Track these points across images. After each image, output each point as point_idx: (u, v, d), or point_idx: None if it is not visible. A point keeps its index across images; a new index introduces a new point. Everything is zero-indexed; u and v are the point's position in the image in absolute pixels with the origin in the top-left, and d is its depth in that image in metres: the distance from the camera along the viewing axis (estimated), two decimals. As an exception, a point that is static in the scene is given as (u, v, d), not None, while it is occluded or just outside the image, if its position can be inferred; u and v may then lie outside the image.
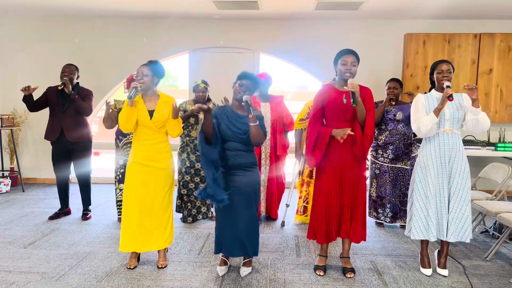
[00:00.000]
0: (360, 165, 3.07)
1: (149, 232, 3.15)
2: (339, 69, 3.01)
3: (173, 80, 18.30)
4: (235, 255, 3.08)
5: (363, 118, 2.98)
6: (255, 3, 5.17)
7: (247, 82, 2.94)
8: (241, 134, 2.94)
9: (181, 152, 4.37)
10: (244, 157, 2.97)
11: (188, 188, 4.35)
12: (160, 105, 3.13)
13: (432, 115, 3.02)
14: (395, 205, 4.19)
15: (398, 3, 5.14)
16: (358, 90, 2.88)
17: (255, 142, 2.94)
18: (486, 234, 4.17)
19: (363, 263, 3.39)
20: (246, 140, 2.94)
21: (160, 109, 3.12)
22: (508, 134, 5.86)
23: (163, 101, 3.16)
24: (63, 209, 4.60)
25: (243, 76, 2.98)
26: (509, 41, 5.56)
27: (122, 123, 3.06)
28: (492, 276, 3.17)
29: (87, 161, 4.51)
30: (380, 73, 5.93)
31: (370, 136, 2.98)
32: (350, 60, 2.96)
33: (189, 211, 4.40)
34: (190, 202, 4.39)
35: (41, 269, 3.18)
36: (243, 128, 2.94)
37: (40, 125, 5.50)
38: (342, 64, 2.98)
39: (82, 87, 4.42)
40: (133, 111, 3.05)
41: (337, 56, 3.04)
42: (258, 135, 2.91)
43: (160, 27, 6.15)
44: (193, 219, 4.42)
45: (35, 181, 6.46)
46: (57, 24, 6.20)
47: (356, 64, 2.99)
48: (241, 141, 2.95)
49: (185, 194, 4.37)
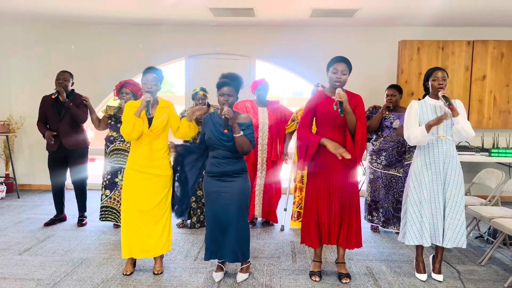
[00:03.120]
0: (351, 171, 3.09)
1: (148, 239, 3.14)
2: (330, 77, 3.04)
3: (169, 87, 18.33)
4: (227, 260, 3.08)
5: (353, 127, 3.01)
6: (250, 10, 5.21)
7: (227, 90, 2.93)
8: (226, 141, 2.93)
9: None
10: (232, 164, 2.97)
11: (197, 196, 4.37)
12: (159, 111, 3.14)
13: (423, 129, 3.04)
14: (387, 210, 4.22)
15: (392, 11, 5.20)
16: (346, 100, 2.91)
17: (240, 151, 2.94)
18: (481, 239, 4.20)
19: (359, 268, 3.41)
20: (232, 147, 2.94)
21: (159, 115, 3.12)
22: (502, 140, 5.92)
23: (161, 106, 3.17)
24: (59, 216, 4.58)
25: (222, 84, 2.95)
26: (502, 48, 5.63)
27: (128, 133, 3.02)
28: (487, 281, 3.19)
29: (83, 168, 4.50)
30: (374, 79, 5.98)
31: (361, 144, 3.00)
32: (340, 68, 2.99)
33: (198, 217, 4.41)
34: (199, 208, 4.41)
35: (36, 275, 3.17)
36: (227, 135, 2.92)
37: (36, 131, 5.47)
38: (332, 72, 3.02)
39: (78, 93, 4.43)
40: (141, 122, 3.03)
41: (329, 64, 3.07)
42: (242, 145, 2.90)
43: (157, 34, 6.18)
44: (201, 224, 4.43)
45: (30, 187, 6.43)
46: (54, 30, 6.21)
47: (346, 73, 3.01)
48: (227, 149, 2.94)
49: (194, 201, 4.38)
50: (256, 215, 4.44)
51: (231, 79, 2.98)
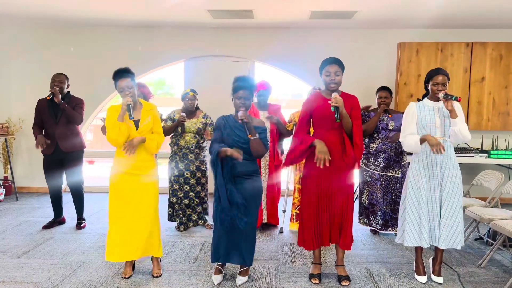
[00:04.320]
0: (347, 173, 3.09)
1: (141, 240, 3.12)
2: (324, 80, 3.04)
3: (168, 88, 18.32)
4: (233, 262, 3.07)
5: (349, 129, 3.01)
6: (250, 13, 5.22)
7: (243, 93, 2.96)
8: (242, 143, 2.96)
9: (171, 161, 4.40)
10: (245, 165, 2.98)
11: (178, 197, 4.36)
12: (144, 114, 3.13)
13: (417, 139, 3.05)
14: (386, 212, 4.22)
15: (391, 13, 5.20)
16: (342, 105, 2.91)
17: (255, 154, 2.98)
18: (480, 241, 4.19)
19: (358, 270, 3.40)
20: (247, 149, 2.96)
21: (144, 117, 3.12)
22: (501, 141, 5.92)
23: (146, 109, 3.16)
24: (57, 218, 4.57)
25: (239, 88, 2.98)
26: (500, 50, 5.63)
27: (113, 139, 2.99)
28: (487, 283, 3.18)
29: (79, 171, 4.49)
30: (373, 81, 5.97)
31: (360, 145, 3.01)
32: (333, 70, 2.99)
33: (180, 219, 4.39)
34: (181, 210, 4.39)
35: (34, 279, 3.15)
36: (243, 137, 2.96)
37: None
38: (326, 75, 3.02)
39: (73, 95, 4.42)
40: (126, 126, 3.01)
41: (321, 66, 3.07)
42: (257, 148, 2.94)
43: (156, 36, 6.18)
44: (184, 227, 4.41)
45: (29, 190, 6.42)
46: (53, 33, 6.21)
47: (340, 73, 3.01)
48: (242, 150, 2.95)
49: (175, 203, 4.38)
50: (264, 220, 4.42)
51: (247, 82, 3.00)
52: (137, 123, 3.09)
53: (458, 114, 3.01)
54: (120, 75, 3.02)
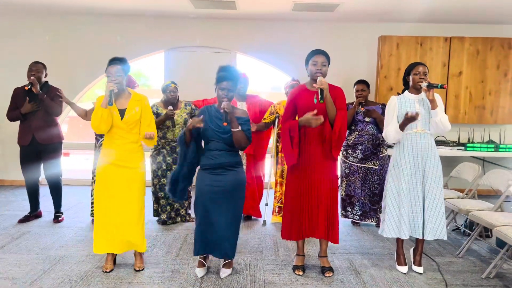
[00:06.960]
0: (331, 164, 3.10)
1: (126, 233, 3.07)
2: (310, 69, 3.05)
3: (145, 80, 18.02)
4: (215, 255, 3.05)
5: (333, 116, 3.01)
6: (232, 3, 5.15)
7: (227, 84, 2.91)
8: (222, 134, 2.93)
9: (156, 155, 4.27)
10: (227, 156, 2.95)
11: (165, 192, 4.28)
12: (131, 104, 3.07)
13: (397, 127, 3.09)
14: (364, 203, 4.29)
15: (373, 6, 5.23)
16: (327, 87, 2.93)
17: (238, 146, 2.95)
18: (457, 232, 4.30)
19: (341, 262, 3.43)
20: (228, 140, 2.93)
21: (131, 108, 3.05)
22: (477, 134, 6.07)
23: (135, 99, 3.09)
24: (34, 212, 4.43)
25: (222, 78, 2.93)
26: (477, 45, 5.75)
27: (96, 125, 2.96)
28: (465, 272, 3.27)
29: (57, 163, 4.35)
30: (355, 74, 6.00)
31: (339, 133, 2.98)
32: (320, 60, 3.01)
33: (168, 214, 4.32)
34: (169, 205, 4.32)
35: (11, 274, 3.05)
36: (223, 127, 2.92)
37: (7, 125, 5.29)
38: (312, 64, 3.03)
39: (51, 85, 4.27)
40: (109, 113, 2.96)
41: (308, 57, 3.08)
42: (240, 140, 2.91)
43: (135, 26, 6.03)
44: (172, 221, 4.35)
45: (3, 182, 6.21)
46: (26, 21, 5.98)
47: (326, 64, 3.03)
48: (223, 141, 2.93)
49: (163, 197, 4.30)
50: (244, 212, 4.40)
51: (231, 73, 2.95)
52: (123, 112, 3.02)
53: (438, 104, 3.06)
54: (113, 61, 3.01)
